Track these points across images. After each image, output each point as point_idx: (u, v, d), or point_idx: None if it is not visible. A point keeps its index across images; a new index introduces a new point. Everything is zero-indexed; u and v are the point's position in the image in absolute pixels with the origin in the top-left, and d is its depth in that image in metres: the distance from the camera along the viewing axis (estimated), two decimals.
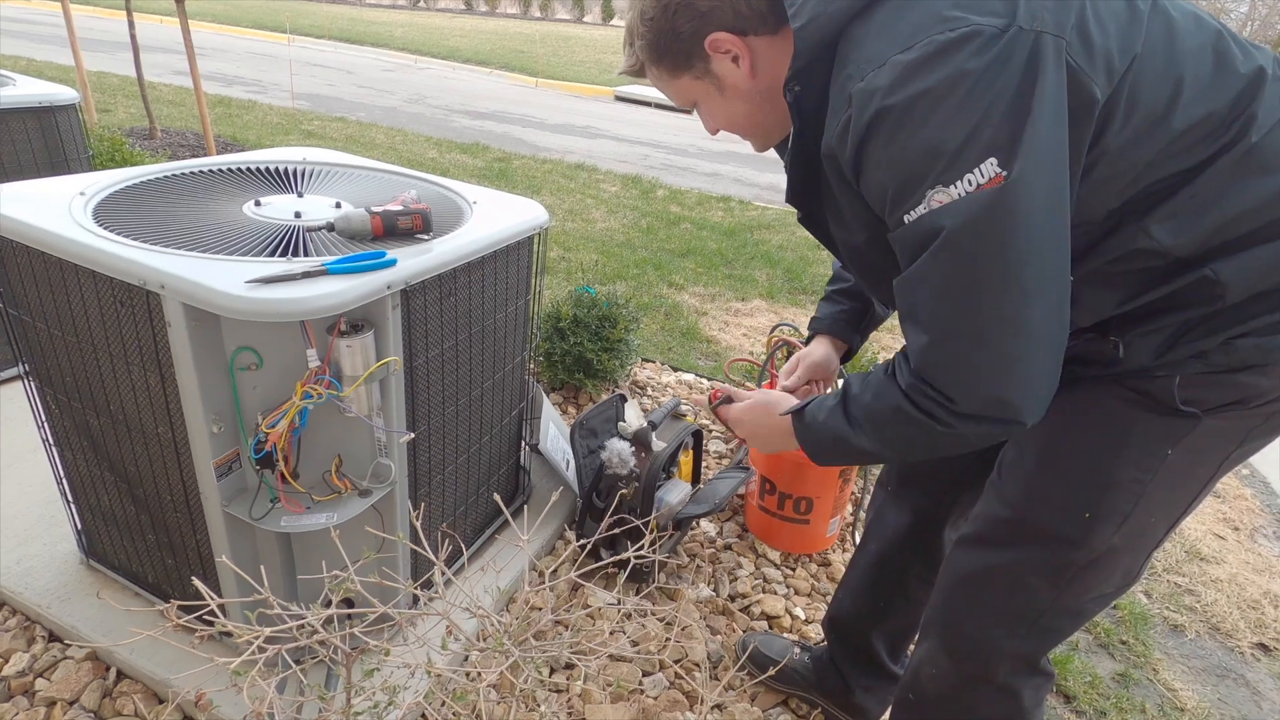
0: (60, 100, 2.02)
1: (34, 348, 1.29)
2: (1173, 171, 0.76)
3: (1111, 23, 0.73)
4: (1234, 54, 0.77)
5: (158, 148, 5.04)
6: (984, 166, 0.70)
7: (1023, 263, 0.72)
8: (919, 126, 0.71)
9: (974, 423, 0.79)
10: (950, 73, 0.69)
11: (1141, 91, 0.73)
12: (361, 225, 1.25)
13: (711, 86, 0.94)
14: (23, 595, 1.46)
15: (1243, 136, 0.75)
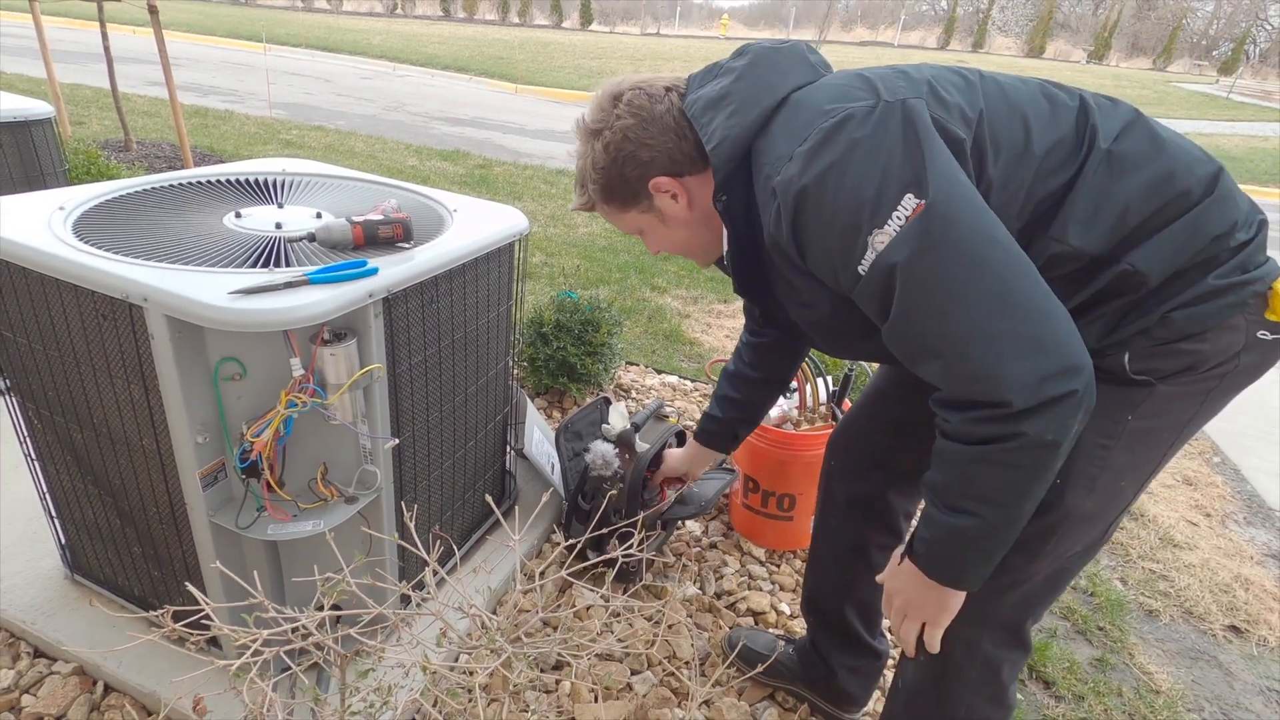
0: (35, 115, 2.01)
1: (15, 363, 1.29)
2: (1052, 188, 0.88)
3: (954, 90, 0.90)
4: (1058, 94, 0.93)
5: (134, 160, 4.99)
6: (904, 202, 0.81)
7: (981, 254, 0.80)
8: (836, 191, 0.84)
9: (1038, 414, 0.79)
10: (844, 145, 0.84)
11: (999, 134, 0.88)
12: (342, 235, 1.27)
13: (655, 219, 1.11)
14: (6, 612, 1.46)
15: (1094, 147, 0.88)
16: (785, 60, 0.98)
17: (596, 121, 1.06)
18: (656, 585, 1.79)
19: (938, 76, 0.92)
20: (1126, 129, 0.90)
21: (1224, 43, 30.06)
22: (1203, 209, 0.88)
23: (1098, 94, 0.96)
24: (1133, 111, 0.93)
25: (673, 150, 1.03)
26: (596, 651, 1.44)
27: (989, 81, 0.93)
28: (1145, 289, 0.88)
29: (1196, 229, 0.87)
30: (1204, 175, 0.89)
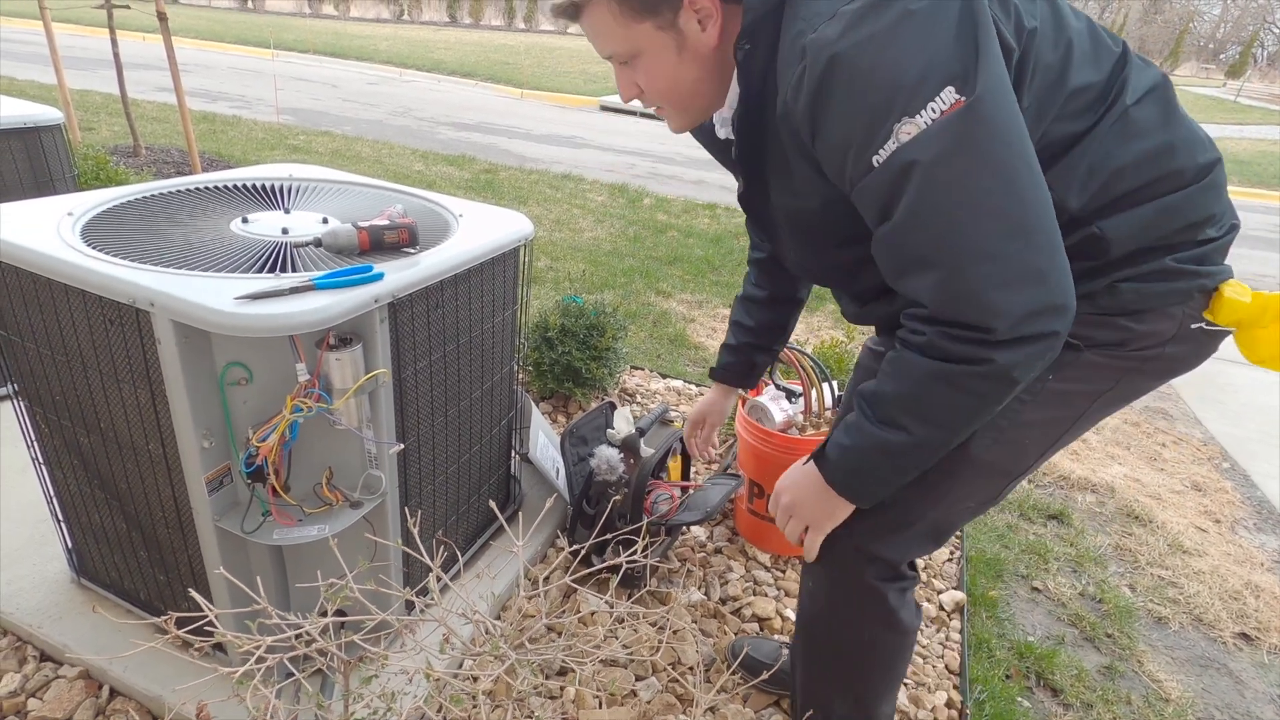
0: (45, 121, 2.03)
1: (23, 368, 1.29)
2: (1066, 133, 0.83)
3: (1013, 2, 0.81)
4: (1103, 36, 0.87)
5: (142, 165, 5.02)
6: (944, 94, 0.73)
7: (1012, 170, 0.75)
8: (875, 66, 0.74)
9: (1015, 347, 0.77)
10: (897, 14, 0.73)
11: (1041, 56, 0.81)
12: (348, 240, 1.27)
13: (670, 42, 0.89)
14: (13, 616, 1.46)
15: (1118, 101, 0.83)
16: None
17: None
18: (661, 591, 1.78)
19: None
20: (1150, 92, 0.86)
21: (1231, 46, 29.99)
22: (1188, 193, 0.86)
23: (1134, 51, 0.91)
24: (1161, 76, 0.89)
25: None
26: (601, 657, 1.44)
27: (1045, 1, 0.85)
28: (1104, 258, 0.86)
29: (1175, 211, 0.86)
30: (1202, 161, 0.87)
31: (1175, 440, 3.04)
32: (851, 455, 0.91)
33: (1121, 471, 2.72)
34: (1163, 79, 0.88)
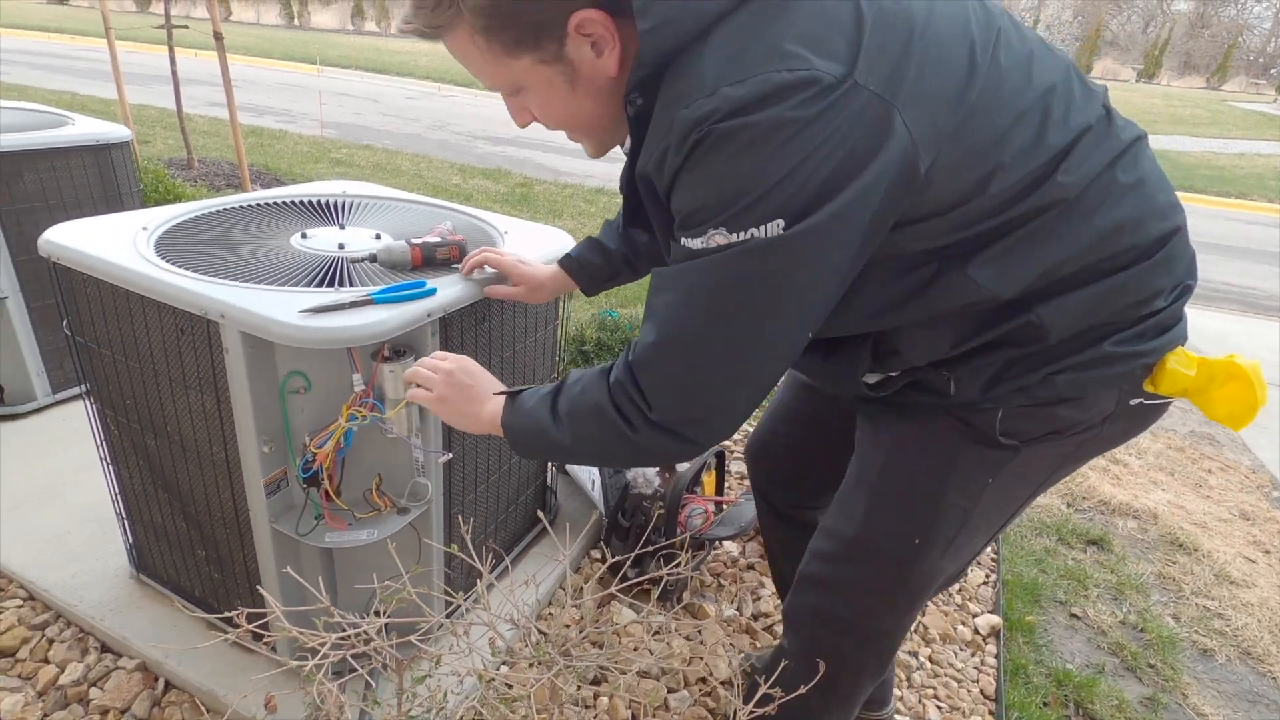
0: (115, 138, 2.14)
1: (97, 372, 1.37)
2: (997, 223, 0.77)
3: (949, 78, 0.71)
4: (1057, 115, 0.76)
5: (196, 178, 5.23)
6: (770, 225, 0.68)
7: (775, 318, 0.73)
8: (729, 163, 0.67)
9: (662, 435, 0.79)
10: (775, 116, 0.65)
11: (969, 153, 0.73)
12: (402, 256, 1.33)
13: (558, 75, 0.77)
14: (77, 608, 1.54)
15: (1061, 194, 0.76)
16: None
17: None
18: (694, 604, 1.80)
19: (952, 35, 0.72)
20: (1116, 160, 0.79)
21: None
22: (1136, 271, 0.81)
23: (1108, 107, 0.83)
24: (1133, 137, 0.82)
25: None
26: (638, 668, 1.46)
27: (994, 72, 0.74)
28: (1042, 343, 0.82)
29: (1122, 290, 0.81)
30: (1157, 234, 0.82)
31: (1222, 467, 2.95)
32: (528, 419, 0.90)
33: (1165, 498, 2.66)
34: (1133, 140, 0.82)
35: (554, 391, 0.89)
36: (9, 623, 1.51)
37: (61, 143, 2.02)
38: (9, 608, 1.55)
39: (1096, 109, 0.80)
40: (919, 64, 0.69)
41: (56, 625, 1.54)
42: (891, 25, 0.68)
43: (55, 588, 1.58)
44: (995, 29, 0.76)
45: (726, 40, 0.68)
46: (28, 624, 1.52)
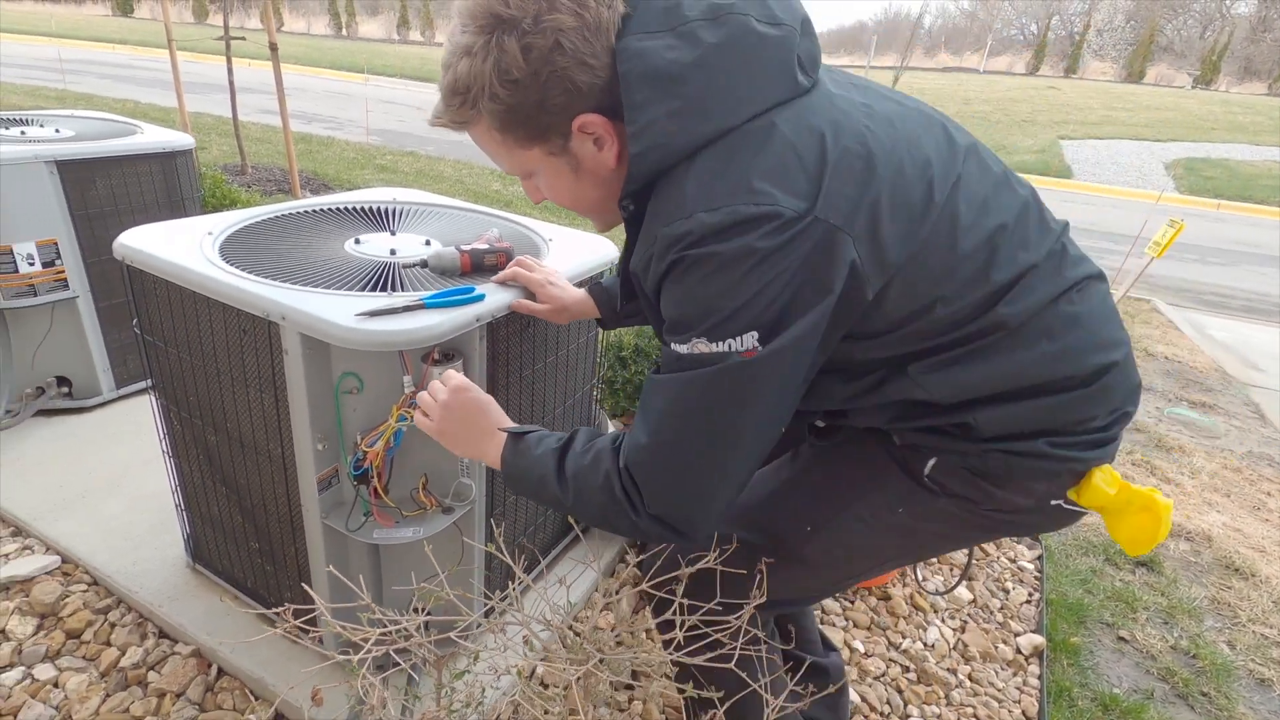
0: (180, 146, 2.24)
1: (163, 369, 1.44)
2: (942, 341, 0.85)
3: (903, 215, 0.78)
4: (1004, 253, 0.83)
5: (249, 183, 5.42)
6: (746, 337, 0.76)
7: (750, 425, 0.81)
8: (703, 283, 0.76)
9: (657, 524, 0.86)
10: (742, 245, 0.74)
11: (917, 282, 0.81)
12: (452, 263, 1.36)
13: (564, 165, 0.87)
14: (137, 594, 1.61)
15: (1002, 323, 0.84)
16: (769, 56, 0.78)
17: (513, 7, 0.76)
18: None
19: (911, 177, 0.79)
20: (1065, 294, 0.87)
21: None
22: (1073, 396, 0.87)
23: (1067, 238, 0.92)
24: (1088, 273, 0.90)
25: (612, 80, 0.78)
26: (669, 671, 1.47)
27: (948, 210, 0.81)
28: (974, 438, 0.89)
29: (1057, 409, 0.87)
30: (1095, 366, 0.87)
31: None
32: (531, 466, 0.94)
33: (1220, 520, 2.56)
34: (1083, 278, 0.89)
35: (562, 450, 0.93)
36: (75, 606, 1.59)
37: (132, 150, 2.13)
38: (75, 591, 1.63)
39: (1049, 245, 0.88)
40: (874, 202, 0.77)
41: (118, 610, 1.61)
42: (852, 166, 0.76)
43: (118, 574, 1.65)
44: (956, 173, 0.84)
45: (705, 169, 0.77)
46: (92, 608, 1.60)
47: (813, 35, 0.84)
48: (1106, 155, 13.25)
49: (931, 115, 0.90)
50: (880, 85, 0.91)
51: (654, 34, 0.77)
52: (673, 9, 0.78)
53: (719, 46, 0.76)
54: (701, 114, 0.76)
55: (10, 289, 2.00)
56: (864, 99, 0.84)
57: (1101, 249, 7.32)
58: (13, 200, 1.93)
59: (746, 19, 0.77)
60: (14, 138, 2.09)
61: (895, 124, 0.82)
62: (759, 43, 0.77)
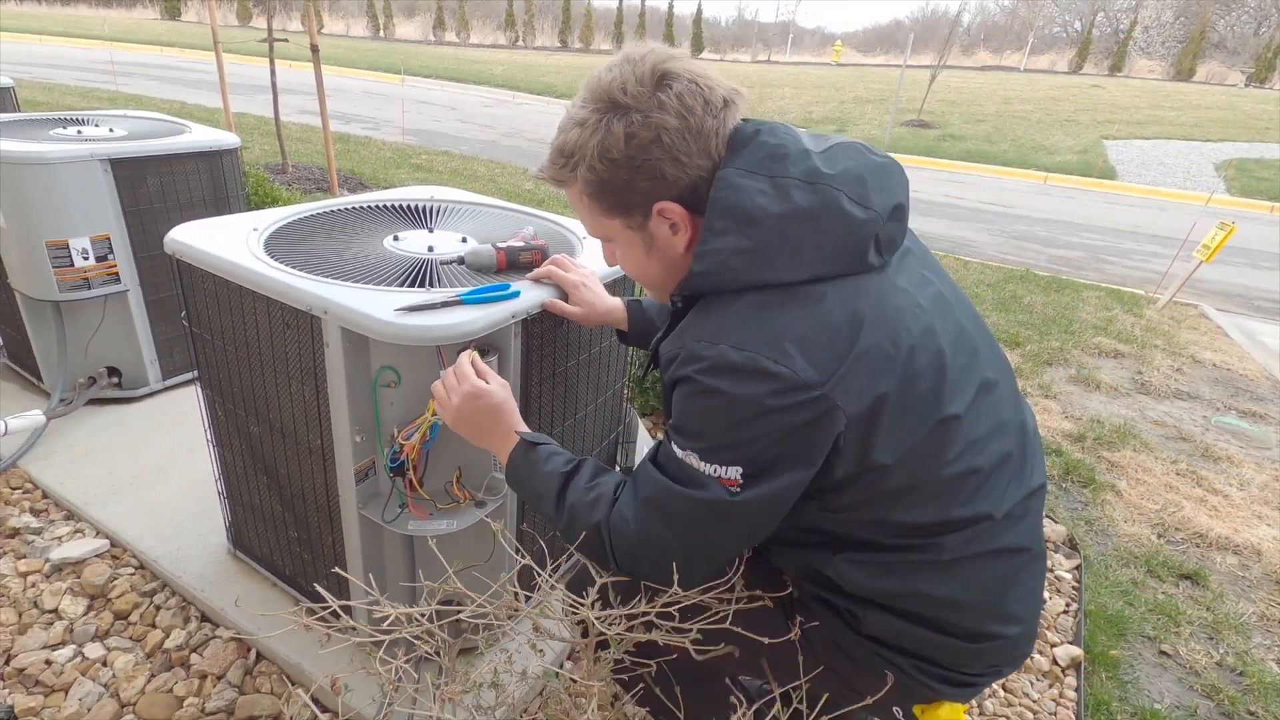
0: (226, 145, 2.31)
1: (209, 361, 1.48)
2: (878, 542, 0.91)
3: (903, 422, 0.83)
4: (964, 495, 0.89)
5: (290, 181, 5.55)
6: (732, 470, 0.83)
7: (722, 542, 0.89)
8: (708, 411, 0.83)
9: (626, 573, 0.94)
10: (750, 394, 0.79)
11: (885, 484, 0.86)
12: (488, 260, 1.38)
13: (639, 240, 0.94)
14: (181, 579, 1.66)
15: (936, 555, 0.90)
16: (847, 233, 0.83)
17: (629, 96, 0.84)
18: None
19: (927, 389, 0.84)
20: (1009, 548, 0.93)
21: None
22: (956, 644, 0.93)
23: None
24: (1024, 547, 0.95)
25: (700, 180, 0.86)
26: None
27: (940, 428, 0.86)
28: (857, 632, 0.96)
29: (937, 647, 0.94)
30: (988, 632, 0.93)
31: None
32: (534, 478, 1.02)
33: (1271, 534, 2.47)
34: (1018, 549, 0.93)
35: (567, 476, 1.00)
36: (123, 588, 1.65)
37: (180, 149, 2.20)
38: (123, 574, 1.69)
39: (1013, 504, 0.92)
40: (882, 397, 0.81)
41: (163, 593, 1.66)
42: (876, 361, 0.81)
43: (163, 559, 1.71)
44: (967, 402, 0.88)
45: (748, 310, 0.83)
46: (139, 590, 1.66)
47: (902, 220, 0.89)
48: (1153, 156, 12.85)
49: (977, 338, 0.94)
50: (951, 288, 0.96)
51: (754, 175, 0.84)
52: (778, 159, 0.84)
53: (805, 211, 0.82)
54: (765, 262, 0.82)
55: (66, 282, 2.08)
56: (924, 297, 0.88)
57: (1146, 252, 7.11)
58: (69, 196, 2.01)
59: (839, 195, 0.83)
60: (71, 136, 2.17)
61: (936, 333, 0.86)
62: (841, 219, 0.82)
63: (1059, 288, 5.25)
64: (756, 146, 0.85)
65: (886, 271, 0.86)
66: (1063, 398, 3.45)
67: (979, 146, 12.81)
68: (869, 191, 0.84)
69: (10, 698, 1.39)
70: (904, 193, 0.89)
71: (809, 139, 0.90)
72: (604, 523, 0.93)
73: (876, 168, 0.88)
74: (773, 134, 0.87)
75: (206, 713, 1.40)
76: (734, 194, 0.83)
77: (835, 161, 0.86)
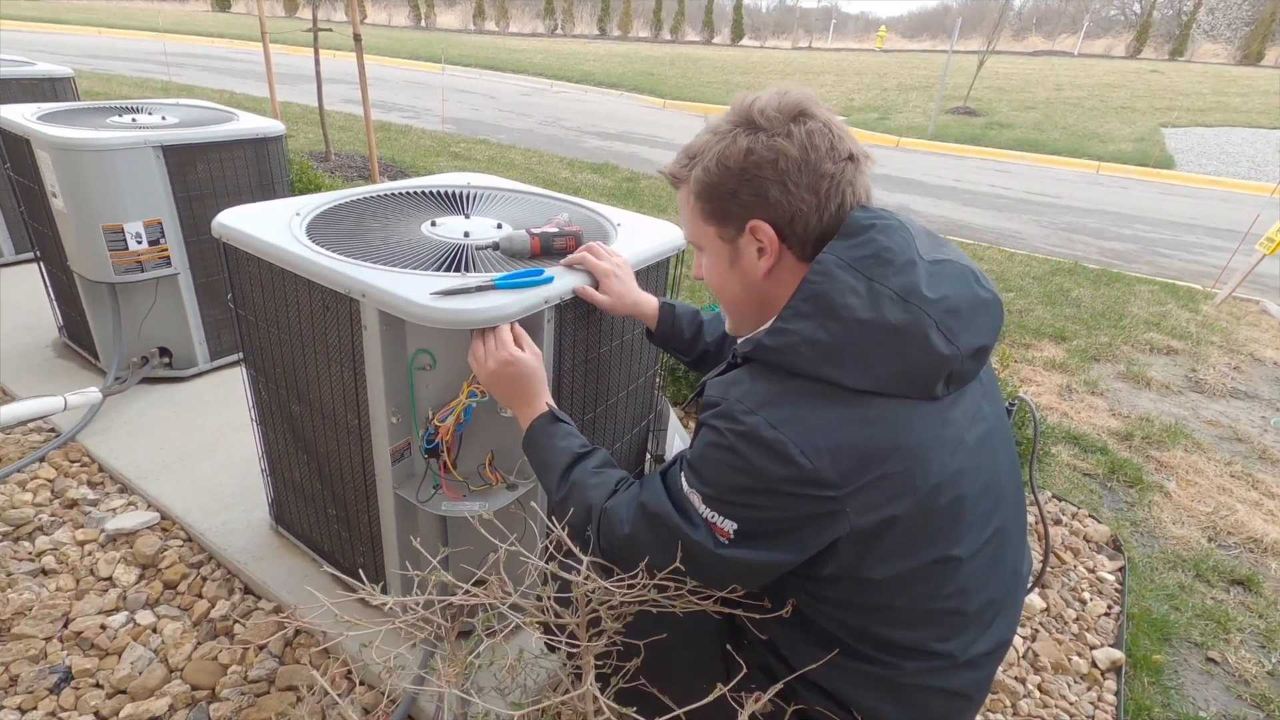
0: (272, 132, 2.36)
1: (253, 342, 1.53)
2: (850, 646, 0.91)
3: (906, 548, 0.84)
4: (962, 633, 0.91)
5: (333, 169, 5.67)
6: (725, 523, 0.85)
7: (692, 573, 0.89)
8: (726, 465, 0.84)
9: (602, 554, 0.99)
10: (769, 471, 0.81)
11: (875, 597, 0.87)
12: (522, 245, 1.39)
13: (726, 253, 0.96)
14: (226, 552, 1.72)
15: (898, 671, 0.90)
16: (923, 363, 0.82)
17: (764, 119, 0.88)
18: None
19: (941, 526, 0.85)
20: None
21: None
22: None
23: None
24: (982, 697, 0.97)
25: (800, 214, 0.88)
26: None
27: (947, 566, 0.88)
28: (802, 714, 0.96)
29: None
30: None
31: None
32: (547, 449, 1.11)
33: None
34: (972, 697, 0.95)
35: (578, 456, 1.08)
36: (172, 559, 1.72)
37: (229, 136, 2.26)
38: (172, 546, 1.76)
39: (971, 653, 0.92)
40: (893, 519, 0.81)
41: (209, 565, 1.73)
42: (897, 486, 0.81)
43: (209, 532, 1.77)
44: (975, 548, 0.89)
45: (796, 395, 0.83)
46: (186, 561, 1.73)
47: (981, 361, 0.89)
48: (1214, 144, 12.27)
49: (1006, 480, 0.94)
50: (1000, 421, 0.95)
51: (853, 271, 0.84)
52: (882, 264, 0.84)
53: (890, 327, 0.82)
54: (833, 361, 0.82)
55: (121, 264, 2.16)
56: (972, 434, 0.88)
57: (1204, 245, 6.81)
58: (124, 182, 2.09)
59: (928, 325, 0.82)
60: (126, 124, 2.25)
61: (966, 476, 0.86)
62: (923, 349, 0.82)
63: (1109, 281, 5.07)
64: (865, 242, 0.86)
65: (943, 404, 0.85)
66: (1110, 395, 3.34)
67: (1028, 134, 12.40)
68: (960, 328, 0.84)
69: (69, 659, 1.47)
70: (994, 334, 0.90)
71: (923, 242, 0.89)
72: (597, 506, 1.00)
73: (977, 303, 0.87)
74: (885, 233, 0.87)
75: (249, 680, 1.46)
76: (827, 283, 0.84)
77: (939, 283, 0.85)
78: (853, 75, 18.75)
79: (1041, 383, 3.39)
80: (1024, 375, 3.43)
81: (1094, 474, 2.65)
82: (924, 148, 11.52)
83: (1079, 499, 2.45)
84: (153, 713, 1.38)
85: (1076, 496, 2.47)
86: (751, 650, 1.02)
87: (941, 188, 8.49)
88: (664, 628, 0.98)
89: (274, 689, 1.45)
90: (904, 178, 8.86)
